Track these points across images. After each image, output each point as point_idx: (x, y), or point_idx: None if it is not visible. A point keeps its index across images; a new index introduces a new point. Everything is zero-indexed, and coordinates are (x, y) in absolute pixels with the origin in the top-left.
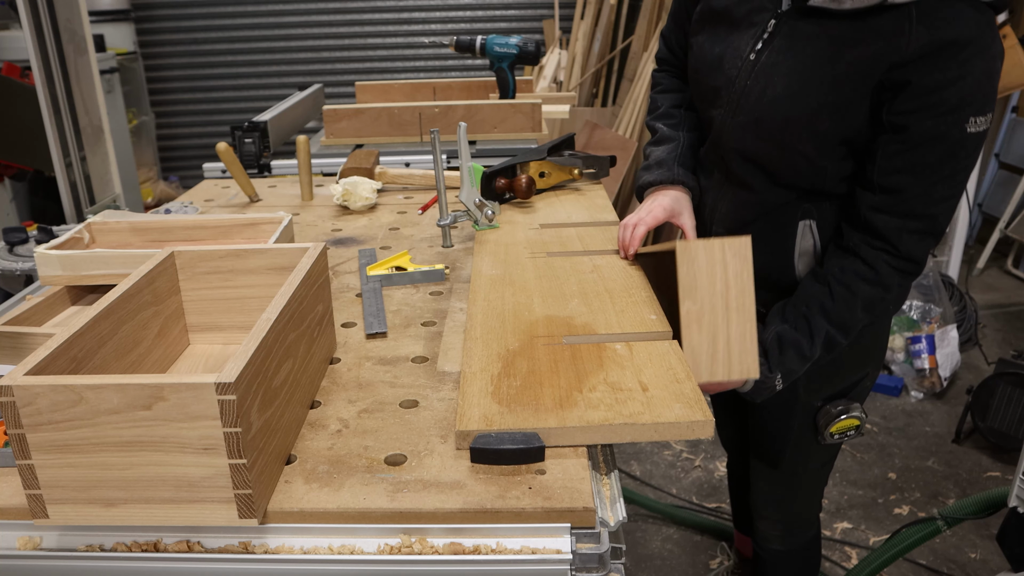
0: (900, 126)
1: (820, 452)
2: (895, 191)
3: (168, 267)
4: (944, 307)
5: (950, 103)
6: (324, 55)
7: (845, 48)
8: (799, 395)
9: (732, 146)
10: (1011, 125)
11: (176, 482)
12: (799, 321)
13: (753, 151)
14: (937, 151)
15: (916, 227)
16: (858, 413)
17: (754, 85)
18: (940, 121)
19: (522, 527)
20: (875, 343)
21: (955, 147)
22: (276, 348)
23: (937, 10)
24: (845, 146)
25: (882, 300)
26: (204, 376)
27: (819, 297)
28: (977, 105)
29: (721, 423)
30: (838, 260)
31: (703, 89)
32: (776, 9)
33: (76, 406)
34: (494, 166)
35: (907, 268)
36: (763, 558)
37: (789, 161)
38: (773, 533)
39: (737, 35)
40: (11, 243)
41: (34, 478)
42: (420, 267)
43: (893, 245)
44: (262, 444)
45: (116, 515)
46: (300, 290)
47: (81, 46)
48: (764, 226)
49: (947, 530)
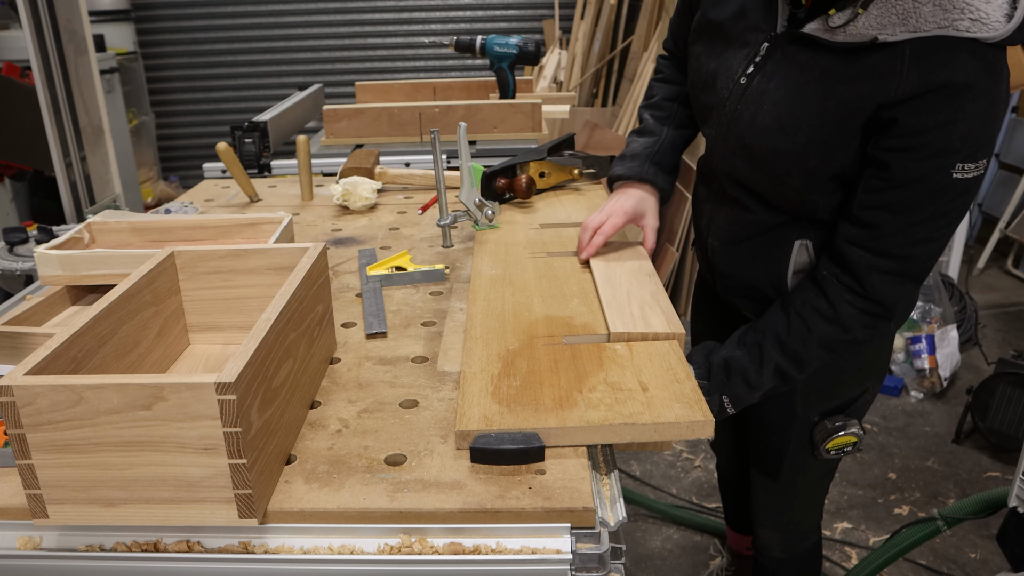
0: (883, 163)
1: (818, 466)
2: (872, 226)
3: (168, 267)
4: (944, 307)
5: (936, 147)
6: (324, 55)
7: (836, 84)
8: (796, 409)
9: (723, 169)
10: (1011, 125)
11: (176, 482)
12: (752, 348)
13: (743, 176)
14: (918, 193)
15: (888, 267)
16: (856, 430)
17: (744, 110)
18: (923, 164)
19: (522, 527)
20: (876, 358)
21: (938, 192)
22: (276, 348)
23: (933, 51)
24: (835, 181)
25: (840, 340)
26: (204, 376)
27: (776, 327)
28: (967, 152)
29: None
30: (803, 292)
31: (698, 105)
32: (770, 31)
33: (76, 406)
34: (494, 166)
35: (872, 310)
36: (764, 565)
37: (779, 191)
38: (773, 541)
39: (731, 52)
40: (11, 243)
41: (34, 478)
42: (420, 267)
43: (860, 283)
44: (262, 444)
45: (116, 515)
46: (300, 290)
47: (81, 46)
48: (759, 243)
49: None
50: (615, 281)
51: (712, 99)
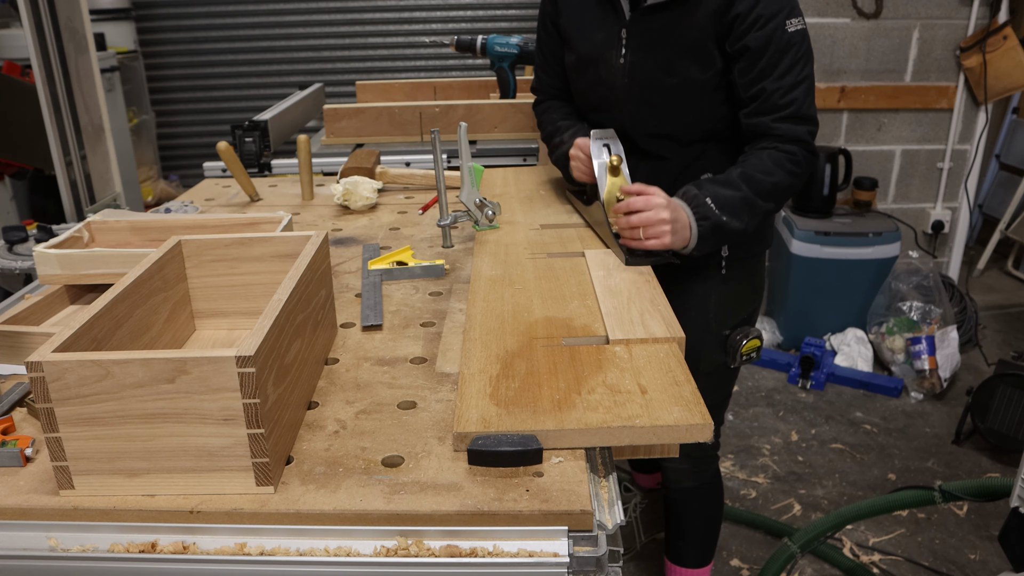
0: (742, 48)
1: (727, 379)
2: (756, 96)
3: (176, 255)
4: (944, 308)
5: (767, 14)
6: (325, 54)
7: (685, 24)
8: (712, 326)
9: (638, 131)
10: (1011, 126)
11: (197, 452)
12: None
13: (655, 126)
14: (774, 53)
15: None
16: (758, 334)
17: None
18: (765, 30)
19: (519, 530)
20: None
21: (786, 45)
22: (287, 326)
23: None
24: (720, 91)
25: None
26: (225, 350)
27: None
28: (787, 9)
29: None
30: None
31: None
32: (622, 20)
33: (103, 380)
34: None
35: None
36: (674, 499)
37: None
38: (682, 470)
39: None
40: (10, 242)
41: (61, 450)
42: (421, 262)
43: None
44: (276, 416)
45: (139, 485)
46: (307, 274)
47: (82, 45)
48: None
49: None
50: (615, 288)
51: (604, 91)
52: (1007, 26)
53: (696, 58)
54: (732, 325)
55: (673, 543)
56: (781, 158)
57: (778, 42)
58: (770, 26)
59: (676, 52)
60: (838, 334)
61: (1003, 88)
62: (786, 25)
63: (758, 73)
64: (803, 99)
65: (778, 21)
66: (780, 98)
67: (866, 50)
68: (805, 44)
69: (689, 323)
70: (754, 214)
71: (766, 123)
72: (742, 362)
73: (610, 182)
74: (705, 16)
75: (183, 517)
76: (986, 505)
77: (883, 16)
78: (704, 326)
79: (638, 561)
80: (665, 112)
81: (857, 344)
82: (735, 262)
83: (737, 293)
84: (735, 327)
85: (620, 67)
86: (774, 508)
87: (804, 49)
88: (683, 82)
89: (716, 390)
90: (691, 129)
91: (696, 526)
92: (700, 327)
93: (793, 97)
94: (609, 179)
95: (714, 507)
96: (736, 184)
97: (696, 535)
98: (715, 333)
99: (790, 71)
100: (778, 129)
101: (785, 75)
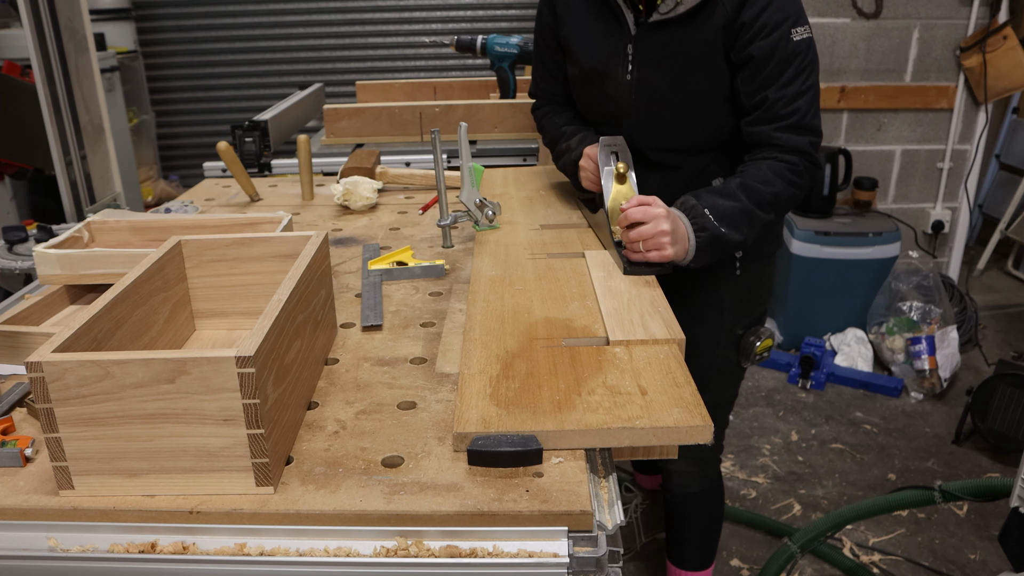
0: (746, 57)
1: (736, 378)
2: (759, 105)
3: (176, 255)
4: (944, 308)
5: (771, 23)
6: (325, 54)
7: (693, 38)
8: (724, 325)
9: (647, 145)
10: (1012, 126)
11: (197, 452)
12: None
13: (664, 140)
14: (779, 62)
15: (785, 125)
16: (770, 334)
17: (640, 93)
18: (771, 39)
19: (519, 530)
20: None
21: (790, 55)
22: (287, 327)
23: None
24: (729, 103)
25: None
26: (224, 350)
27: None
28: (792, 18)
29: None
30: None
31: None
32: (628, 36)
33: (103, 380)
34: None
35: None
36: (677, 501)
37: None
38: (689, 474)
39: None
40: (10, 242)
41: (61, 451)
42: (421, 262)
43: (772, 147)
44: (276, 416)
45: (139, 485)
46: (307, 274)
47: (82, 44)
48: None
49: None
50: (615, 290)
51: (611, 106)
52: (1007, 26)
53: (705, 72)
54: (745, 325)
55: (675, 546)
56: (781, 168)
57: (783, 51)
58: (775, 35)
59: (684, 67)
60: (838, 334)
61: (1003, 88)
62: (791, 34)
63: (761, 82)
64: (806, 109)
65: (783, 30)
66: (783, 108)
67: (866, 50)
68: (811, 53)
69: (704, 323)
70: (753, 225)
71: (767, 132)
72: (755, 361)
73: (615, 190)
74: (714, 30)
75: (183, 517)
76: (986, 505)
77: (883, 16)
78: (719, 326)
79: (638, 561)
80: (674, 125)
81: (857, 344)
82: (749, 262)
83: (751, 293)
84: (748, 326)
85: (627, 83)
86: (774, 508)
87: (809, 59)
88: (692, 96)
89: (725, 390)
90: (701, 140)
91: (698, 529)
92: (715, 327)
93: (796, 107)
94: (615, 187)
95: (716, 509)
96: (735, 195)
97: (698, 537)
98: (729, 332)
99: (794, 81)
100: (779, 139)
101: (789, 84)
